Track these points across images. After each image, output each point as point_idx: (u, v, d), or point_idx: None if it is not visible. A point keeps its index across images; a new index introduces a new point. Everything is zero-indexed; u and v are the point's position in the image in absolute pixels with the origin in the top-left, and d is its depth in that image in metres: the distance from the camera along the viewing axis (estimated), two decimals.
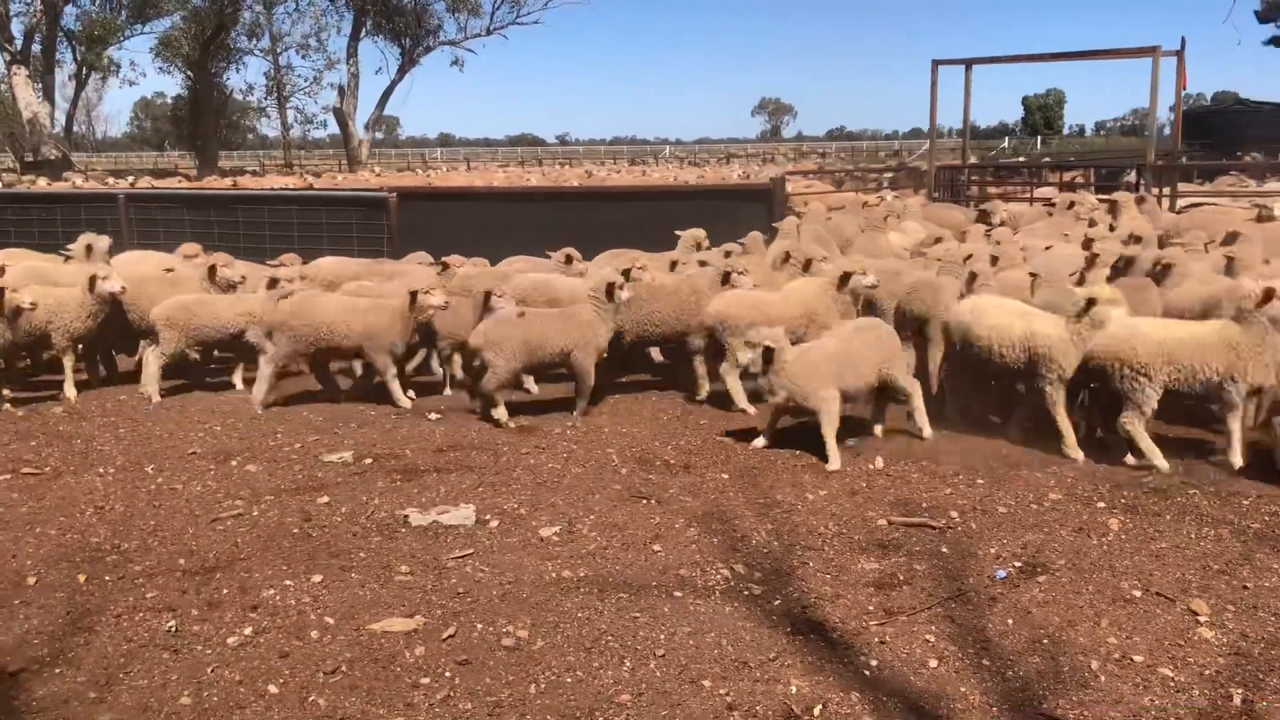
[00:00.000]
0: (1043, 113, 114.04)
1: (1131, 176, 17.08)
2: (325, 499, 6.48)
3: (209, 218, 12.53)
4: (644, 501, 6.36)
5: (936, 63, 16.40)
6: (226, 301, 9.18)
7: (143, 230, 12.58)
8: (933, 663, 4.39)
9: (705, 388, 8.68)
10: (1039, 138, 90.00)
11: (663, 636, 4.64)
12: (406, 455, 7.38)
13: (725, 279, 8.72)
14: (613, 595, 5.06)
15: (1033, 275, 8.08)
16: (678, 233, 11.30)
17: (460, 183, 29.66)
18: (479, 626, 4.78)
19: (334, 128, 57.82)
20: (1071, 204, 11.61)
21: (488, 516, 6.11)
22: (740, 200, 12.84)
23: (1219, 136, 39.43)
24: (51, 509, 6.38)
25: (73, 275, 10.12)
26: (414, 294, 8.36)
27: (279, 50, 61.20)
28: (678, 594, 5.06)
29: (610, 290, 8.18)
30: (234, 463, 7.25)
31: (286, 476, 6.96)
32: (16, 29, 49.26)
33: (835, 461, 6.90)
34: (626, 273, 8.58)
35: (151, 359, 9.07)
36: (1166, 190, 15.44)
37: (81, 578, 5.36)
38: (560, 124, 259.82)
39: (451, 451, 7.46)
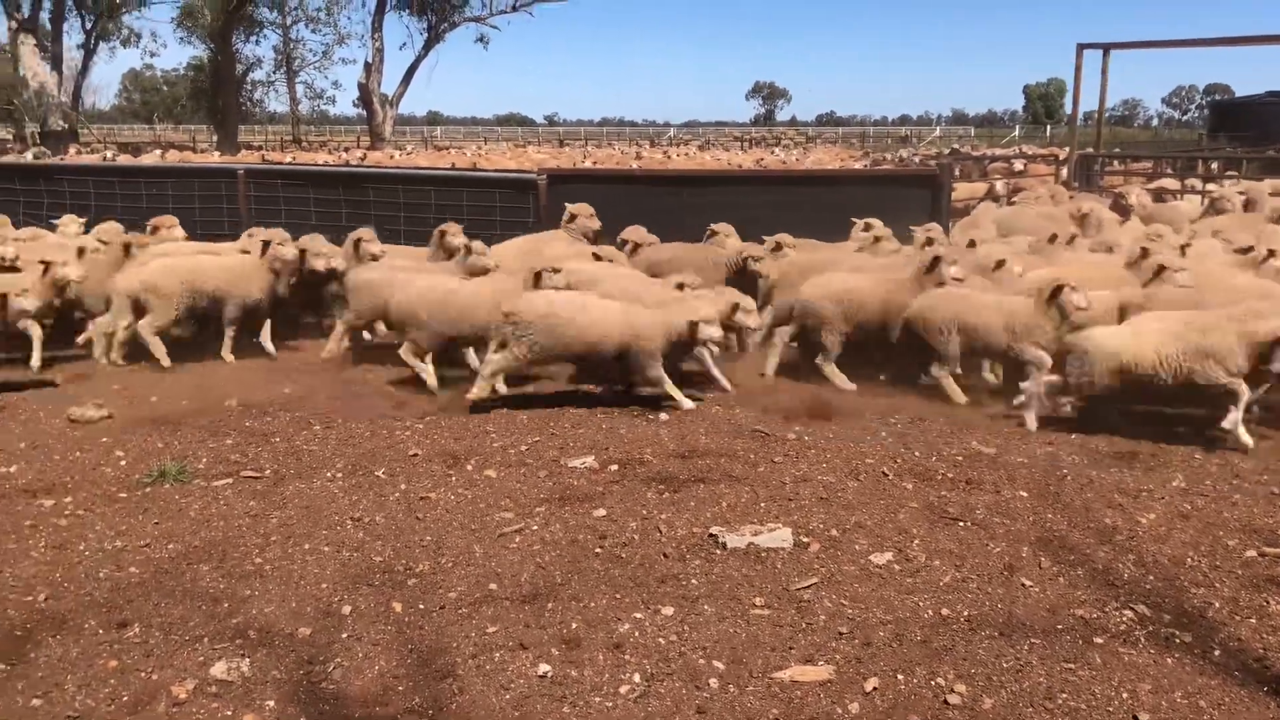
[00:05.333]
0: (1043, 102, 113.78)
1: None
2: (602, 511, 5.86)
3: (336, 196, 11.80)
4: (960, 524, 5.76)
5: (1081, 46, 15.78)
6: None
7: (262, 208, 11.84)
8: None
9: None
10: (1048, 127, 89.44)
11: (1125, 696, 4.05)
12: (650, 461, 6.76)
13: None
14: (1022, 640, 4.47)
15: None
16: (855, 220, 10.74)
17: (510, 164, 28.89)
18: (900, 678, 4.18)
19: (343, 105, 56.94)
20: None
21: (804, 538, 5.51)
22: (905, 186, 12.20)
23: (1249, 129, 38.81)
24: (303, 520, 5.74)
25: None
26: None
27: (289, 24, 60.22)
28: (1097, 640, 4.46)
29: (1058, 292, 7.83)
30: (469, 467, 6.62)
31: (538, 484, 6.33)
32: None
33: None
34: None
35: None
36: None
37: (397, 606, 4.73)
38: (547, 104, 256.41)
39: (695, 458, 6.84)
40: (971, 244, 10.03)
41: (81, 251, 9.36)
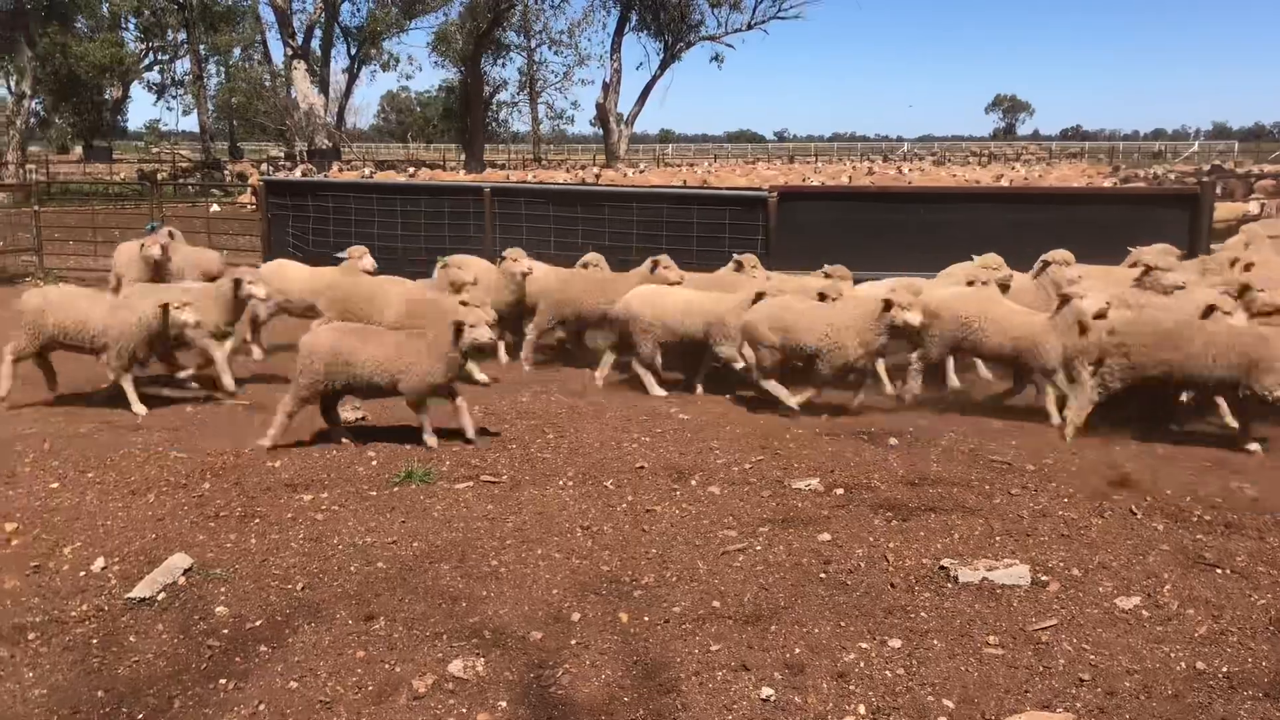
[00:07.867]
0: None
1: None
2: (827, 536, 5.77)
3: (574, 213, 12.23)
4: (1218, 571, 5.34)
5: None
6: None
7: (505, 224, 12.41)
8: None
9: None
10: None
11: None
12: (878, 486, 6.62)
13: None
14: None
15: None
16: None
17: (740, 181, 29.05)
18: None
19: (580, 124, 58.80)
20: None
21: (1043, 577, 5.24)
22: (1161, 206, 11.42)
23: None
24: (537, 526, 5.95)
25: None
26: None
27: (533, 46, 62.86)
28: None
29: None
30: (693, 482, 6.68)
31: (760, 504, 6.31)
32: (297, 25, 52.49)
33: None
34: None
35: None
36: None
37: (624, 617, 4.83)
38: (777, 120, 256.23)
39: (925, 486, 6.64)
40: None
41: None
